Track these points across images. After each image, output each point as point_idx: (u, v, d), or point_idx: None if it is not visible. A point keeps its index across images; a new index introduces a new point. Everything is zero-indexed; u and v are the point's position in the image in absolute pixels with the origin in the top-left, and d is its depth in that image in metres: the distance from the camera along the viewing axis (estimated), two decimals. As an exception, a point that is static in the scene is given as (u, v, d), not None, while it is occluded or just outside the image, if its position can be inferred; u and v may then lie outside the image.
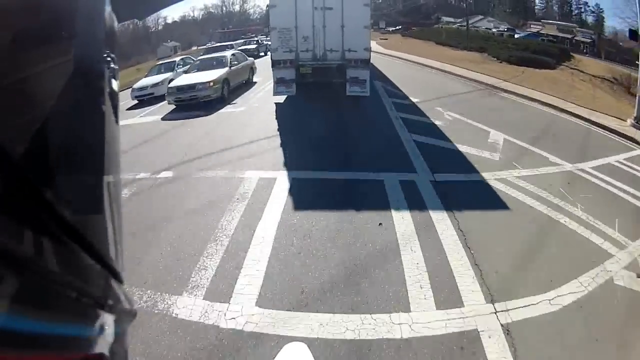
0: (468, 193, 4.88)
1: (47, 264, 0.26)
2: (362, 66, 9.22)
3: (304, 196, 4.83)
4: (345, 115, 8.59)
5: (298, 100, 9.72)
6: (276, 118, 8.62)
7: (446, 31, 29.69)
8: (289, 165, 5.84)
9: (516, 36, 29.53)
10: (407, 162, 5.82)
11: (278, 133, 7.45)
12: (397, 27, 60.41)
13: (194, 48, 62.24)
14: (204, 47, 29.21)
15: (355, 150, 6.38)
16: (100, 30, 0.36)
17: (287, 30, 9.20)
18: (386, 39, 32.97)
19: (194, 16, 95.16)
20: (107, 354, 0.32)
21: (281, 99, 10.07)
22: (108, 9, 0.38)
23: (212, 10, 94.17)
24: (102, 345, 0.32)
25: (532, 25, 59.72)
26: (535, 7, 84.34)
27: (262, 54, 27.44)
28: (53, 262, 0.27)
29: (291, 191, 4.97)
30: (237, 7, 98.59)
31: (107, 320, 0.33)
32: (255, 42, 28.74)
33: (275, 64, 9.45)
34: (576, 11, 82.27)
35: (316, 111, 9.10)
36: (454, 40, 25.51)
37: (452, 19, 77.10)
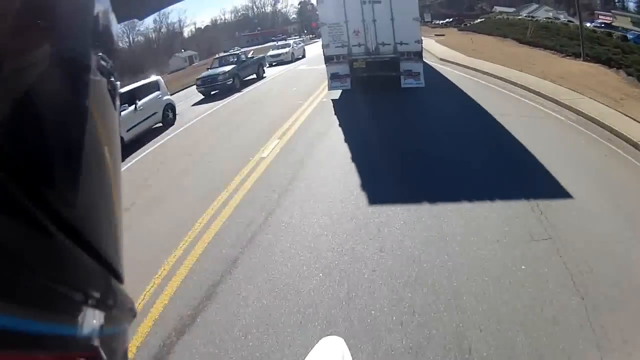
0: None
1: (45, 263, 0.27)
2: (415, 59, 9.32)
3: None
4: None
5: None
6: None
7: (533, 25, 21.52)
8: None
9: (629, 37, 19.85)
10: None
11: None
12: (448, 20, 54.10)
13: (217, 56, 52.82)
14: (222, 54, 19.90)
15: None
16: (88, 24, 0.35)
17: (337, 25, 9.34)
18: (443, 35, 26.66)
19: (224, 19, 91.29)
20: (107, 355, 0.33)
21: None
22: (101, 7, 0.37)
23: (245, 12, 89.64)
24: (102, 346, 0.32)
25: (600, 16, 50.15)
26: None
27: (255, 77, 16.69)
28: (51, 261, 0.27)
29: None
30: (268, 8, 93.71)
31: (107, 320, 0.34)
32: (233, 59, 16.16)
33: (328, 59, 9.71)
34: (620, -4, 72.15)
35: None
36: (548, 39, 17.02)
37: (507, 9, 68.38)
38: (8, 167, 0.24)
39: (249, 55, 17.30)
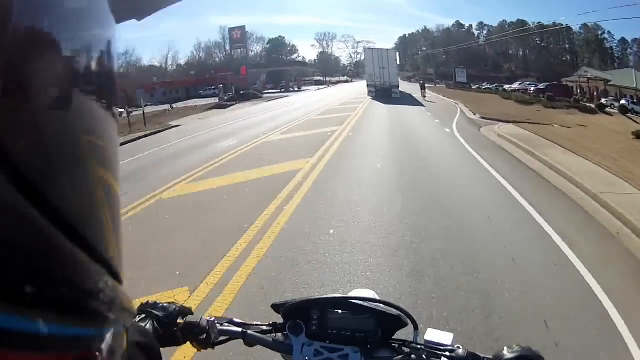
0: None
1: (43, 263, 0.30)
2: (396, 87, 35.92)
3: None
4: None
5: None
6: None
7: None
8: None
9: None
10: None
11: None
12: (533, 86, 47.97)
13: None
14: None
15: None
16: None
17: (370, 75, 36.65)
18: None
19: (198, 57, 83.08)
20: (105, 354, 0.37)
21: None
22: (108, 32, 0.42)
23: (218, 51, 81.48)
24: (100, 346, 0.37)
25: None
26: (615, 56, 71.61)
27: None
28: (50, 261, 0.31)
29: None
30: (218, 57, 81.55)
31: (105, 320, 0.38)
32: None
33: (368, 85, 36.57)
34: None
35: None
36: None
37: (601, 73, 56.89)
38: (7, 167, 0.27)
39: None
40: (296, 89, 56.78)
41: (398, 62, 37.76)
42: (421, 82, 43.35)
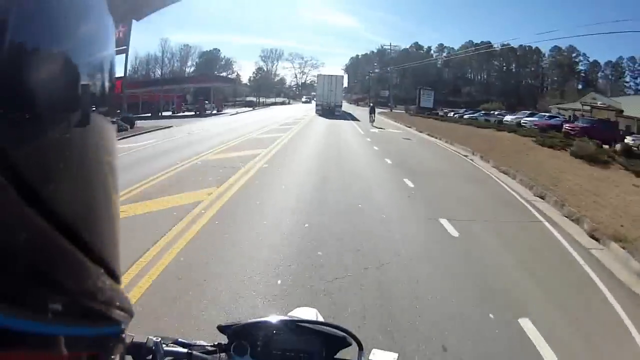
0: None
1: (43, 263, 0.31)
2: (340, 107, 44.39)
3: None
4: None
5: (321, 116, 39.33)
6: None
7: None
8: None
9: None
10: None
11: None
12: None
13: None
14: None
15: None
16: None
17: (320, 96, 45.70)
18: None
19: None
20: (105, 354, 0.39)
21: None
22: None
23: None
24: (100, 346, 0.39)
25: None
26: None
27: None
28: (49, 261, 0.32)
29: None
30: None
31: (104, 319, 0.39)
32: None
33: (316, 104, 46.20)
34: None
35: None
36: None
37: (607, 99, 43.52)
38: (8, 169, 0.28)
39: None
40: (215, 112, 48.61)
41: (345, 86, 48.68)
42: (371, 104, 37.87)
